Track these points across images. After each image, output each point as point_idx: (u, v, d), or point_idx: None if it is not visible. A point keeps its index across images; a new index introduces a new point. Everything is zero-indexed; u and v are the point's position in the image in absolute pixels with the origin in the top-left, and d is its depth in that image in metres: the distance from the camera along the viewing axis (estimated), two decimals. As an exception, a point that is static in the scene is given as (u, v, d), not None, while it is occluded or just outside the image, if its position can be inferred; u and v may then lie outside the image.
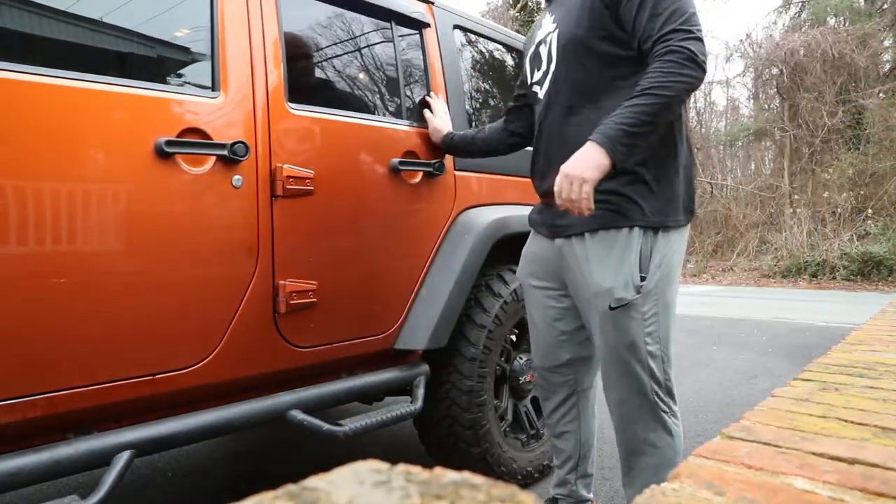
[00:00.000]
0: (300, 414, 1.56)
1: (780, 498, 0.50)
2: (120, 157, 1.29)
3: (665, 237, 1.44)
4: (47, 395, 1.21)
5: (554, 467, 1.77)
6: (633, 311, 1.42)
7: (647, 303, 1.42)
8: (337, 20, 1.86)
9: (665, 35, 1.34)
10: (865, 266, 10.31)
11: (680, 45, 1.31)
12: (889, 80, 13.26)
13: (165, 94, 1.39)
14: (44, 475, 1.17)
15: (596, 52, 1.45)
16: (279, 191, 1.54)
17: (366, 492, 0.23)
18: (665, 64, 1.31)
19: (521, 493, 0.25)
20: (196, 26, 1.50)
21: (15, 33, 1.26)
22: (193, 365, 1.42)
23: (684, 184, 1.48)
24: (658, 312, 1.44)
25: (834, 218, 11.81)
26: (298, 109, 1.63)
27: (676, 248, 1.47)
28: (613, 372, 1.49)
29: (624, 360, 1.45)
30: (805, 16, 14.94)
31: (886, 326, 1.40)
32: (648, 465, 1.49)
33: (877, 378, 0.89)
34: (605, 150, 1.28)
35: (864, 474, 0.54)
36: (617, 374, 1.48)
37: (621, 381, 1.48)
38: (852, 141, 12.90)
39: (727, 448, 0.61)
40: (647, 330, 1.43)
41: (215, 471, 2.42)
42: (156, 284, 1.35)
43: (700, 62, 1.32)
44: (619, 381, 1.48)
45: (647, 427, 1.47)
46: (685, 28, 1.33)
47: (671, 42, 1.32)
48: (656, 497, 0.51)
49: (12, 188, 1.15)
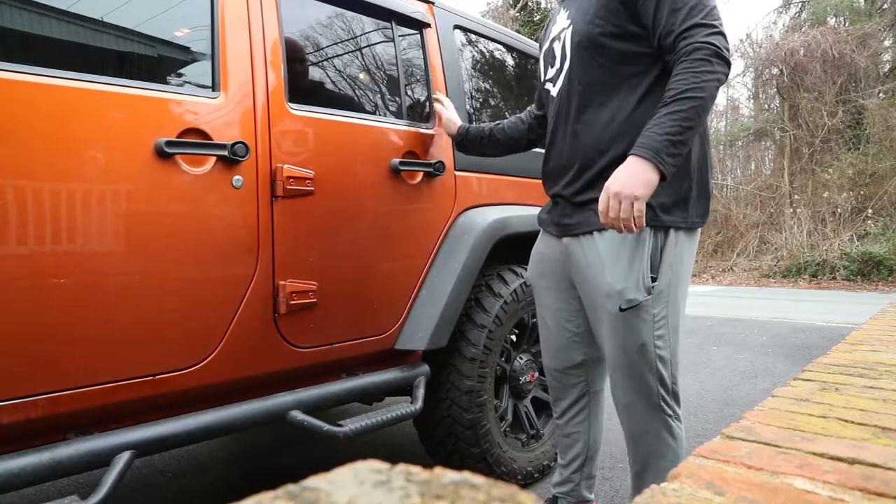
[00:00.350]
0: (300, 414, 1.56)
1: (781, 498, 0.49)
2: (120, 157, 1.29)
3: (676, 238, 1.40)
4: (48, 395, 1.21)
5: (558, 465, 1.76)
6: (643, 312, 1.38)
7: (657, 304, 1.39)
8: (337, 20, 1.86)
9: (687, 30, 1.29)
10: (865, 266, 10.31)
11: (705, 42, 1.27)
12: (889, 79, 13.26)
13: (165, 94, 1.39)
14: (45, 475, 1.17)
15: (611, 49, 1.41)
16: (279, 191, 1.54)
17: (366, 492, 0.23)
18: (693, 63, 1.27)
19: (521, 493, 0.25)
20: (196, 26, 1.50)
21: (16, 33, 1.26)
22: (194, 365, 1.42)
23: (698, 185, 1.43)
24: (667, 315, 1.41)
25: (834, 218, 11.81)
26: (299, 110, 1.63)
27: (688, 250, 1.43)
28: (621, 375, 1.46)
29: (632, 364, 1.43)
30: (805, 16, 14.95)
31: (886, 326, 1.40)
32: (654, 467, 1.48)
33: (877, 378, 0.89)
34: (653, 165, 1.23)
35: (865, 474, 0.53)
36: (624, 378, 1.46)
37: (629, 385, 1.45)
38: (852, 141, 12.90)
39: (727, 448, 0.61)
40: (656, 333, 1.40)
41: (215, 471, 2.42)
42: (156, 285, 1.35)
43: (726, 57, 1.29)
44: (626, 384, 1.46)
45: (653, 430, 1.46)
46: (707, 23, 1.29)
47: (695, 38, 1.28)
48: (656, 497, 0.51)
49: (13, 188, 1.15)
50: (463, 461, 2.01)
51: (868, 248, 10.42)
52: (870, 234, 11.11)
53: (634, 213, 1.24)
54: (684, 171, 1.40)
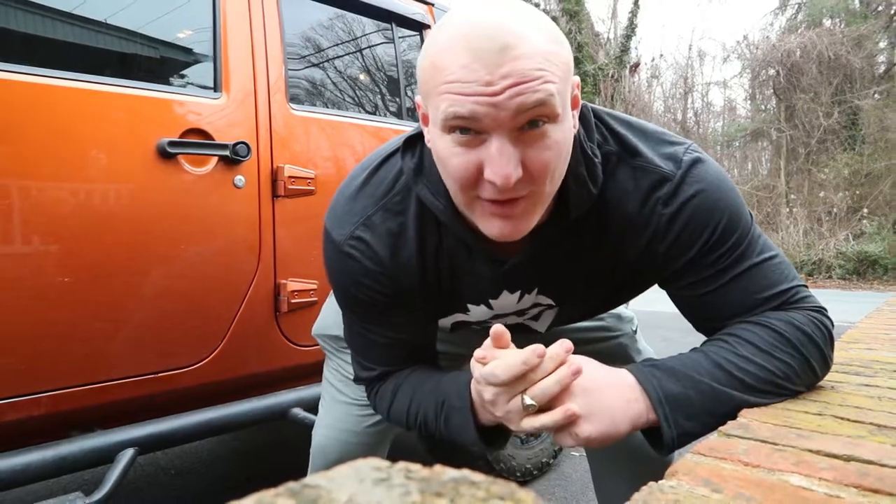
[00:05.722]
0: (301, 412, 1.57)
1: (777, 495, 0.50)
2: (123, 157, 1.30)
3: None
4: (51, 393, 1.22)
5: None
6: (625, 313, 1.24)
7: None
8: (338, 22, 1.86)
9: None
10: (861, 265, 10.34)
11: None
12: (884, 81, 13.29)
13: (168, 95, 1.39)
14: (50, 472, 1.18)
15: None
16: (281, 191, 1.55)
17: (366, 489, 0.23)
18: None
19: (521, 490, 0.25)
20: (198, 28, 1.50)
21: (21, 35, 1.26)
22: (196, 363, 1.43)
23: None
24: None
25: (830, 217, 11.84)
26: (300, 110, 1.64)
27: None
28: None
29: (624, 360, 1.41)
30: (801, 17, 14.97)
31: (882, 325, 1.41)
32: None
33: (872, 376, 0.90)
34: (656, 416, 0.72)
35: (860, 471, 0.54)
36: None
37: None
38: (848, 141, 12.92)
39: (724, 445, 0.61)
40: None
41: (217, 468, 2.43)
42: (159, 284, 1.35)
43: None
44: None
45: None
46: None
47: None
48: (654, 494, 0.51)
49: (17, 188, 1.16)
50: (462, 459, 2.02)
51: (864, 248, 10.45)
52: (865, 233, 11.15)
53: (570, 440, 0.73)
54: None
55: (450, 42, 0.64)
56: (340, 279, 0.87)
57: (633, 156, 0.79)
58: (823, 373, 0.80)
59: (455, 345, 1.09)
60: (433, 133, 0.70)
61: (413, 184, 0.80)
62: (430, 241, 0.82)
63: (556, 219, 0.79)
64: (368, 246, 0.82)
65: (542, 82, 0.63)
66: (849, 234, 11.29)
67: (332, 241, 0.85)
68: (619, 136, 0.81)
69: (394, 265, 0.83)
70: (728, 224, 0.78)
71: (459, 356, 1.09)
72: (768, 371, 0.73)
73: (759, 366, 0.73)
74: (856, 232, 11.39)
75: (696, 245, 0.78)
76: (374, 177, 0.84)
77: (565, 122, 0.68)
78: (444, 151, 0.68)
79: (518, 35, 0.62)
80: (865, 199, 11.88)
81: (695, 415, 0.71)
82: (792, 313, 0.78)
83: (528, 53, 0.62)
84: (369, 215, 0.83)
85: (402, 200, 0.82)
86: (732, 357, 0.74)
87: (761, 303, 0.79)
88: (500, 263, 0.82)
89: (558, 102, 0.65)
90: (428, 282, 0.85)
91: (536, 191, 0.69)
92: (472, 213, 0.72)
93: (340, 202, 0.86)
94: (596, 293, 0.90)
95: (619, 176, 0.79)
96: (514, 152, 0.65)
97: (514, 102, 0.62)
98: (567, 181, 0.75)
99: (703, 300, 0.81)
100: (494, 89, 0.62)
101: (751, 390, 0.73)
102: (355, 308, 0.89)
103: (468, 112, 0.63)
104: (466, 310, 0.92)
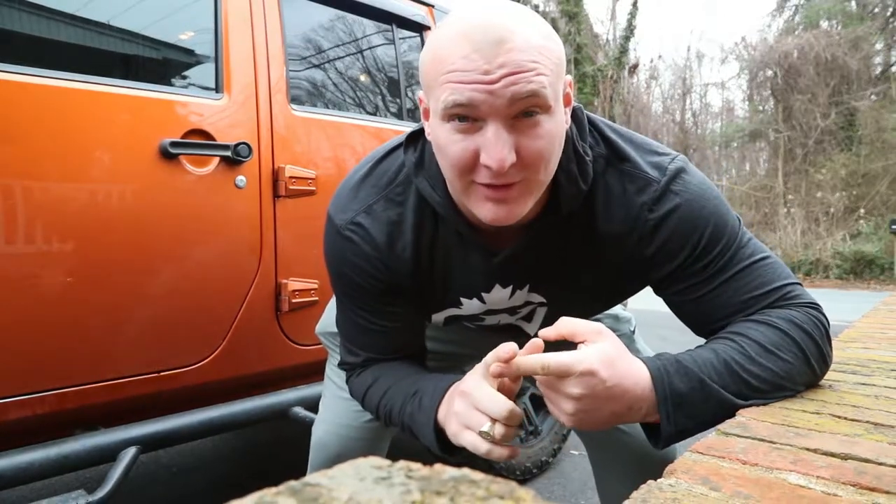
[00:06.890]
0: (302, 411, 1.58)
1: (775, 493, 0.50)
2: (125, 158, 1.30)
3: None
4: (55, 391, 1.22)
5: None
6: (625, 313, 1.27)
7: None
8: (339, 23, 1.87)
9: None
10: (858, 265, 10.37)
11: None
12: (881, 82, 13.32)
13: (170, 95, 1.40)
14: (53, 470, 1.19)
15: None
16: (282, 191, 1.56)
17: (367, 488, 0.23)
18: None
19: (520, 489, 0.25)
20: (200, 29, 1.51)
21: (25, 37, 1.27)
22: (197, 362, 1.43)
23: None
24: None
25: (827, 217, 11.87)
26: (301, 111, 1.64)
27: None
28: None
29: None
30: (798, 19, 15.00)
31: (878, 324, 1.42)
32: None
33: (869, 375, 0.90)
34: (658, 413, 0.72)
35: (857, 469, 0.54)
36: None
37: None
38: (845, 142, 12.95)
39: (723, 444, 0.61)
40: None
41: (219, 467, 2.43)
42: (161, 283, 1.36)
43: None
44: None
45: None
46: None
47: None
48: (653, 492, 0.51)
49: (21, 188, 1.16)
50: (462, 457, 2.02)
51: (860, 248, 10.48)
52: (862, 233, 11.17)
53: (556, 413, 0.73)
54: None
55: (451, 38, 0.68)
56: (337, 261, 0.90)
57: (622, 161, 0.83)
58: (822, 371, 0.81)
59: (448, 343, 1.11)
60: (433, 124, 0.73)
61: (413, 176, 0.83)
62: (427, 231, 0.86)
63: (547, 214, 0.82)
64: (367, 231, 0.86)
65: (535, 74, 0.67)
66: (846, 234, 11.32)
67: (333, 225, 0.89)
68: (610, 142, 0.84)
69: (390, 252, 0.86)
70: (714, 231, 0.80)
71: (451, 355, 1.12)
72: (773, 372, 0.75)
73: (763, 367, 0.74)
74: (853, 232, 11.42)
75: (682, 252, 0.81)
76: (377, 168, 0.88)
77: (557, 115, 0.72)
78: (443, 139, 0.71)
79: (514, 30, 0.66)
80: (862, 200, 11.91)
81: (696, 415, 0.72)
82: (791, 311, 0.80)
83: (523, 47, 0.66)
84: (371, 203, 0.86)
85: (402, 192, 0.85)
86: (739, 357, 0.75)
87: (756, 301, 0.81)
88: (492, 255, 0.84)
89: (550, 94, 0.69)
90: (421, 271, 0.88)
91: (529, 178, 0.72)
92: (468, 198, 0.74)
93: (344, 190, 0.90)
94: (585, 292, 0.92)
95: (607, 179, 0.83)
96: (508, 138, 0.68)
97: (510, 91, 0.66)
98: (558, 177, 0.78)
99: (698, 304, 0.83)
100: (491, 77, 0.66)
101: (755, 391, 0.74)
102: (349, 291, 0.92)
103: (466, 99, 0.66)
104: (459, 303, 0.93)
